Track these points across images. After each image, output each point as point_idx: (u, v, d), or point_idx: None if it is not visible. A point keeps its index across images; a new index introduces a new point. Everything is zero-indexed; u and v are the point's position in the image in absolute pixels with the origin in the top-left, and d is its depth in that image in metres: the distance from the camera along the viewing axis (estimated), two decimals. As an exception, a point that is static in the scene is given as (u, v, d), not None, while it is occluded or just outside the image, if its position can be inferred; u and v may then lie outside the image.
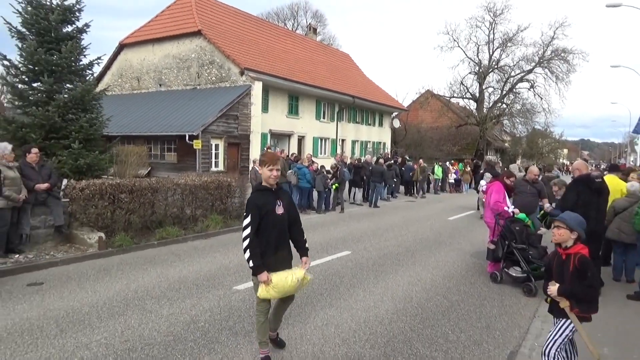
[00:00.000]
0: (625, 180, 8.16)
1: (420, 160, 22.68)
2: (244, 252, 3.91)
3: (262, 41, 28.92)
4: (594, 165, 60.89)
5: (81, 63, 12.32)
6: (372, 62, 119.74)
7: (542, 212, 7.95)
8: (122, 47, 27.64)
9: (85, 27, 12.40)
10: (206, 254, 8.57)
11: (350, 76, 37.20)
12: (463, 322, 5.52)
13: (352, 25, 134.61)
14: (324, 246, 9.52)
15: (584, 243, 3.64)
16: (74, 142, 11.32)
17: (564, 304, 3.57)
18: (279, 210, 4.07)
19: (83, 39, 12.43)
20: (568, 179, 8.29)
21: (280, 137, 27.51)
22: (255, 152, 22.74)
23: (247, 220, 3.91)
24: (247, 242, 3.89)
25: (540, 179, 9.30)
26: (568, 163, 72.75)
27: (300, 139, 28.83)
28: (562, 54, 41.73)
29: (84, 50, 12.32)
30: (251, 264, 3.90)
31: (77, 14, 12.23)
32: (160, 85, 26.14)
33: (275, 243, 4.02)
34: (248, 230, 3.89)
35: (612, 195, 7.09)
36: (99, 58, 13.01)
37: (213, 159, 21.52)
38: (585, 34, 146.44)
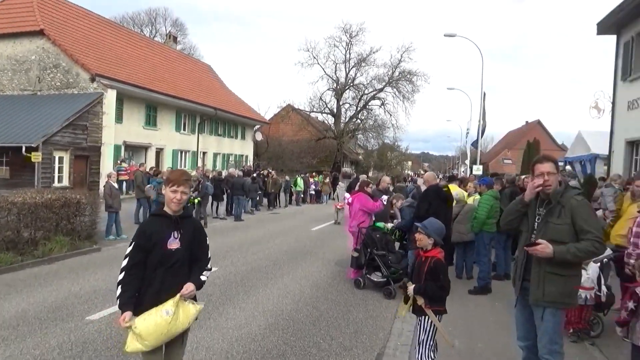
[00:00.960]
0: (465, 189, 9.30)
1: (273, 172, 22.95)
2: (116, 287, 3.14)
3: (116, 46, 26.88)
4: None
5: None
6: (234, 74, 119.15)
7: (390, 226, 8.40)
8: None
9: None
10: (50, 281, 7.54)
11: (212, 88, 36.50)
12: (333, 329, 5.69)
13: (214, 37, 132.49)
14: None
15: (442, 248, 4.03)
16: None
17: (420, 301, 3.90)
18: (173, 244, 3.13)
19: None
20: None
21: (136, 149, 25.74)
22: (107, 166, 20.92)
23: (128, 250, 3.13)
24: (120, 276, 3.08)
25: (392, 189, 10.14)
26: (412, 174, 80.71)
27: (159, 152, 27.34)
28: (408, 76, 46.24)
29: None
30: (117, 303, 3.09)
31: None
32: (-13, 88, 22.62)
33: (159, 285, 3.07)
34: (124, 262, 3.10)
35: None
36: None
37: (56, 174, 19.25)
38: (427, 59, 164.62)
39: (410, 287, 3.94)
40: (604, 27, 15.18)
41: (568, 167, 18.06)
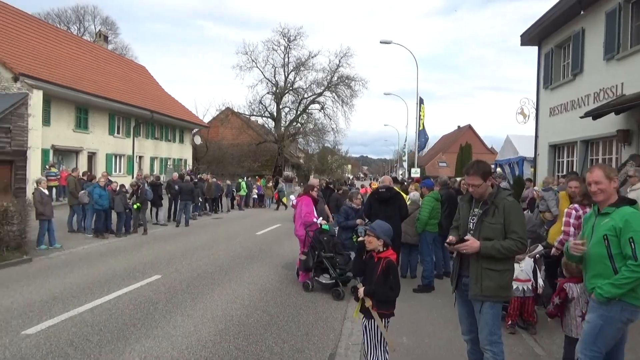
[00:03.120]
0: (405, 191, 9.65)
1: (208, 176, 22.56)
2: None
3: (41, 44, 25.26)
4: (372, 178, 69.68)
5: None
6: (170, 76, 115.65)
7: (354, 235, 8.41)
8: None
9: None
10: (-23, 296, 7.01)
11: (148, 89, 35.23)
12: (284, 333, 5.72)
13: (147, 37, 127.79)
14: (130, 272, 8.75)
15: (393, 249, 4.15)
16: None
17: (368, 303, 3.91)
18: None
19: None
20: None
21: (66, 153, 24.33)
22: (34, 171, 19.62)
23: None
24: None
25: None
26: (352, 177, 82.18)
27: (91, 156, 25.99)
28: (346, 81, 47.07)
29: None
30: None
31: None
32: None
33: None
34: None
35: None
36: None
37: (-24, 180, 17.79)
38: (365, 64, 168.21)
39: (361, 289, 3.95)
40: (527, 39, 16.31)
41: (499, 169, 19.19)
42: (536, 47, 16.30)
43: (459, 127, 76.65)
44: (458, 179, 11.18)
